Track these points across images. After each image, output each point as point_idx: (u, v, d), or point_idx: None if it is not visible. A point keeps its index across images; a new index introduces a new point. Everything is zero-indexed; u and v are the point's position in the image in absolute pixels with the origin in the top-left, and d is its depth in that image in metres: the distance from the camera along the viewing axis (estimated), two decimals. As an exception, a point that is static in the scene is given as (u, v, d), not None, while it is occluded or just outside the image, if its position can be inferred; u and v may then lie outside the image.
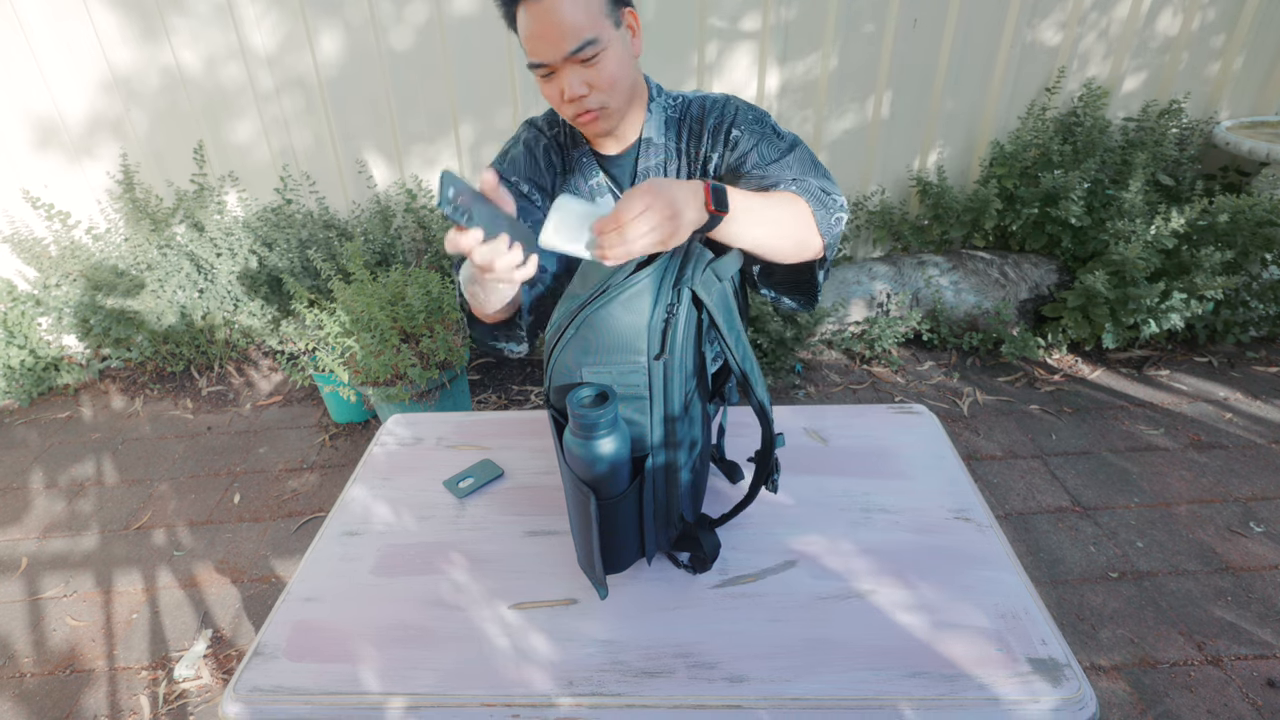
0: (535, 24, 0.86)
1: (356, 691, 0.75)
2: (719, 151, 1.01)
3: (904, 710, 0.70)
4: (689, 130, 1.03)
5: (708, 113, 1.02)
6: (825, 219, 0.92)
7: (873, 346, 2.70)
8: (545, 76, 0.91)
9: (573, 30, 0.85)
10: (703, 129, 1.02)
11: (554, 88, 0.91)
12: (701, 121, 1.02)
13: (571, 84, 0.89)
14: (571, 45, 0.86)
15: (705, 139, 1.02)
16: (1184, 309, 2.36)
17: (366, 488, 1.06)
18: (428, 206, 2.77)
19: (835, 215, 0.94)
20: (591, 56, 0.88)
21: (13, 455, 2.49)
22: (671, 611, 0.82)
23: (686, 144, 1.03)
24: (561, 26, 0.85)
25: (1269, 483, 2.02)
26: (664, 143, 1.03)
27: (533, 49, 0.88)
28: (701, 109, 1.03)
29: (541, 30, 0.86)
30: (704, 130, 1.02)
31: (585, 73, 0.89)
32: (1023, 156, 2.65)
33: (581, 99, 0.91)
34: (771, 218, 0.86)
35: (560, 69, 0.89)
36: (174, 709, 1.60)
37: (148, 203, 2.72)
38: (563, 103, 0.92)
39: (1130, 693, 1.50)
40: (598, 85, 0.90)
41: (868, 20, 2.54)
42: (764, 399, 0.78)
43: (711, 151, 1.02)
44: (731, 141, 1.00)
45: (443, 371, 2.21)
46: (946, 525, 0.92)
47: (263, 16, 2.45)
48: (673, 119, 1.04)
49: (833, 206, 0.94)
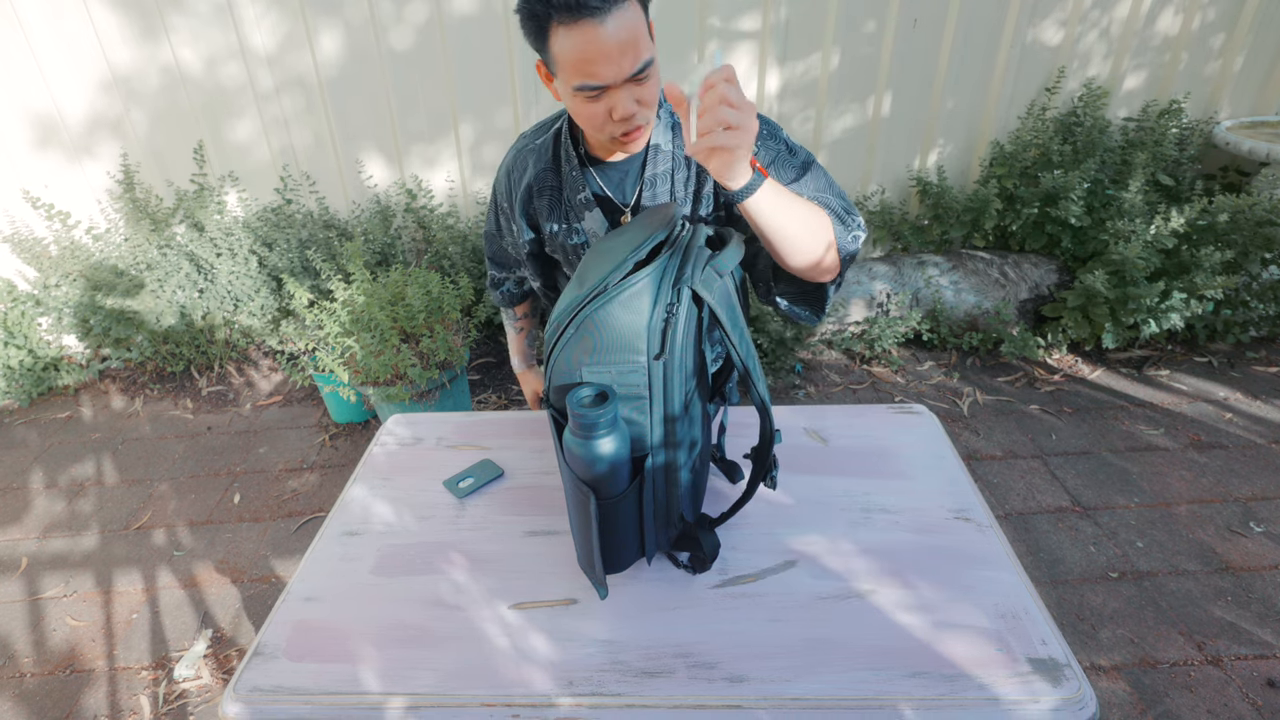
0: (595, 46, 0.82)
1: (356, 691, 0.75)
2: None
3: (904, 710, 0.70)
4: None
5: None
6: (844, 235, 0.94)
7: (873, 346, 2.70)
8: (593, 97, 0.88)
9: (635, 51, 0.84)
10: None
11: (600, 107, 0.89)
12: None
13: (625, 104, 0.87)
14: (634, 67, 0.84)
15: None
16: (1184, 309, 2.36)
17: (366, 488, 1.05)
18: (428, 206, 2.77)
19: (853, 233, 0.96)
20: (646, 76, 0.87)
21: (13, 455, 2.49)
22: (671, 611, 0.82)
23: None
24: (624, 48, 0.82)
25: (1269, 483, 2.02)
26: (671, 149, 1.03)
27: (590, 71, 0.84)
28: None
29: (604, 52, 0.82)
30: None
31: (638, 91, 0.88)
32: (1023, 156, 2.65)
33: (632, 117, 0.89)
34: (800, 215, 0.86)
35: (615, 89, 0.87)
36: (174, 709, 1.60)
37: (148, 203, 2.72)
38: (609, 121, 0.90)
39: (1130, 693, 1.50)
40: (645, 102, 0.89)
41: (868, 20, 2.54)
42: (765, 395, 0.78)
43: None
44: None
45: (443, 371, 2.21)
46: (946, 525, 0.92)
47: (263, 16, 2.45)
48: (678, 125, 1.03)
49: (852, 225, 0.95)
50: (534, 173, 1.09)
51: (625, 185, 1.06)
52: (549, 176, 1.08)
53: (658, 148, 1.02)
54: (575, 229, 1.09)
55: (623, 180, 1.06)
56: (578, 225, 1.09)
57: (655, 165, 1.03)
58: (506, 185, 1.14)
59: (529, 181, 1.09)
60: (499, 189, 1.18)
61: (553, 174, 1.08)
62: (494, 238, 1.28)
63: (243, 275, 2.67)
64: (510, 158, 1.13)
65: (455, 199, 2.84)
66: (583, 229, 1.09)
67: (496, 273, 1.34)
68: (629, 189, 1.06)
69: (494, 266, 1.34)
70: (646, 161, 1.03)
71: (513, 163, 1.13)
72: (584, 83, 0.85)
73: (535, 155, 1.09)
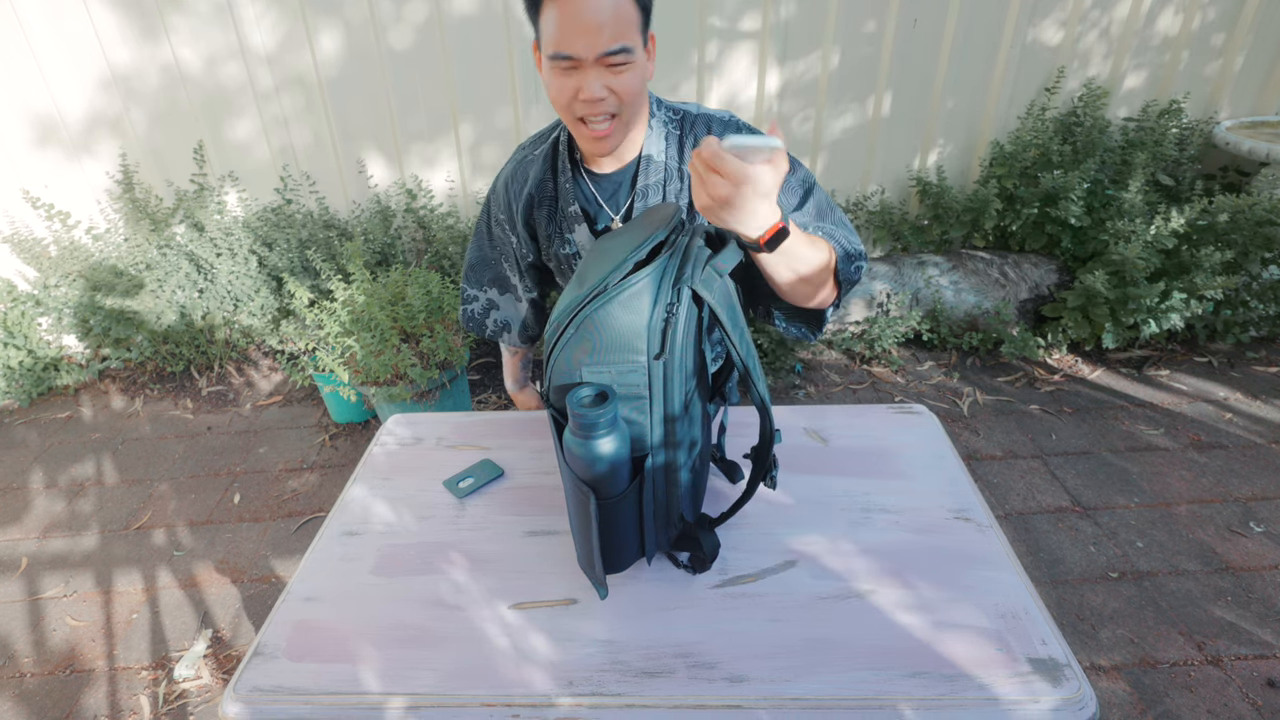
0: (575, 16, 0.84)
1: (356, 691, 0.75)
2: None
3: (904, 710, 0.70)
4: (691, 149, 1.02)
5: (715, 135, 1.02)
6: (846, 268, 0.94)
7: (873, 346, 2.70)
8: (566, 70, 0.89)
9: (613, 32, 0.85)
10: None
11: (571, 83, 0.90)
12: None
13: (593, 85, 0.89)
14: (607, 46, 0.85)
15: None
16: (1184, 309, 2.36)
17: (366, 488, 1.05)
18: (427, 206, 2.77)
19: (855, 265, 0.96)
20: (621, 64, 0.88)
21: (13, 455, 2.48)
22: (671, 611, 0.82)
23: (687, 163, 1.02)
24: (602, 25, 0.84)
25: (1269, 483, 2.02)
26: (664, 160, 1.02)
27: (565, 40, 0.86)
28: (708, 130, 1.01)
29: (582, 24, 0.84)
30: None
31: (609, 77, 0.89)
32: (1023, 156, 2.65)
33: (599, 101, 0.90)
34: (807, 259, 0.85)
35: (586, 67, 0.88)
36: (174, 709, 1.60)
37: (147, 202, 2.72)
38: (575, 100, 0.91)
39: (1130, 693, 1.50)
40: (617, 92, 0.90)
41: (868, 20, 2.54)
42: (764, 394, 0.78)
43: None
44: None
45: (443, 371, 2.21)
46: (946, 525, 0.92)
47: (262, 15, 2.45)
48: (673, 134, 1.03)
49: (855, 257, 0.96)
50: (534, 183, 1.09)
51: (618, 196, 1.06)
52: (548, 186, 1.08)
53: (650, 158, 1.02)
54: (567, 239, 1.10)
55: (615, 191, 1.06)
56: (569, 236, 1.09)
57: (647, 176, 1.03)
58: (505, 197, 1.14)
59: (530, 191, 1.09)
60: (495, 202, 1.17)
61: (551, 183, 1.08)
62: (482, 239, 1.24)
63: (243, 275, 2.67)
64: (510, 169, 1.13)
65: (455, 199, 2.84)
66: (574, 240, 1.09)
67: (469, 288, 1.30)
68: (621, 199, 1.06)
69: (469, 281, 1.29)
70: (639, 172, 1.03)
71: (512, 174, 1.12)
72: (557, 51, 0.87)
73: (535, 166, 1.09)
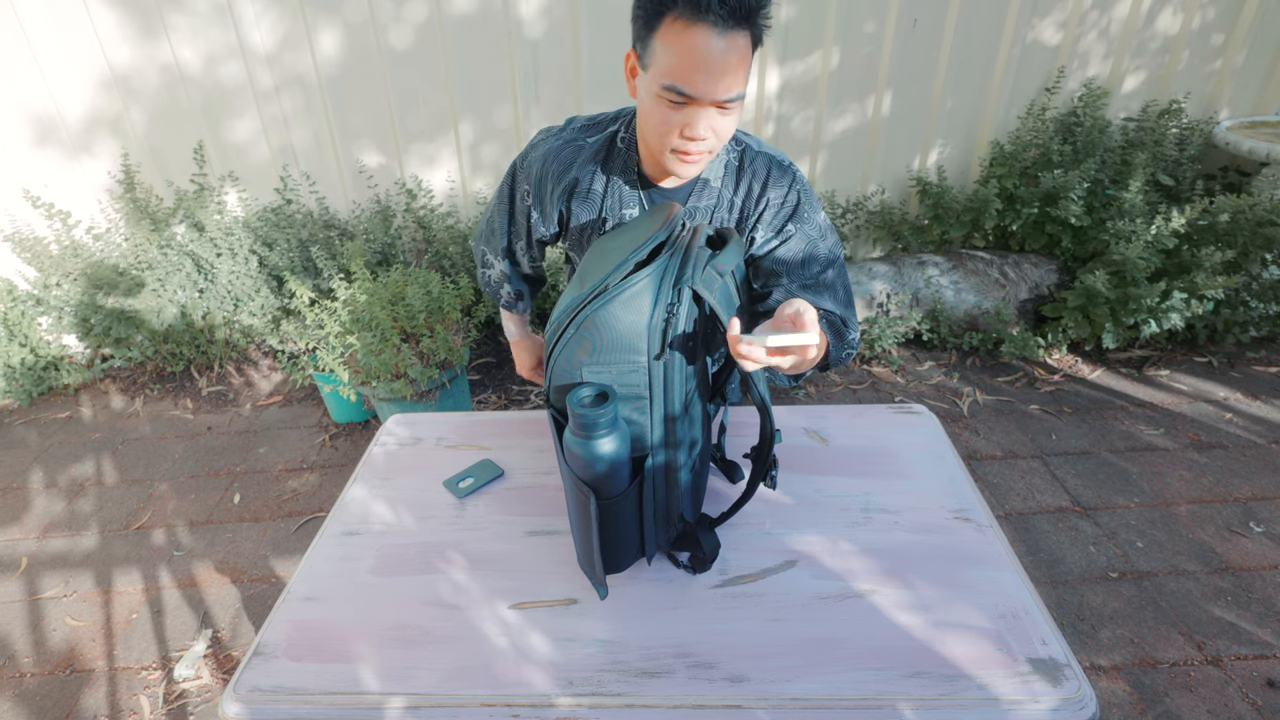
0: (702, 54, 0.80)
1: (356, 691, 0.75)
2: (763, 233, 1.02)
3: (904, 710, 0.70)
4: (746, 187, 1.02)
5: (772, 181, 1.01)
6: (837, 352, 0.96)
7: (873, 346, 2.70)
8: (676, 104, 0.85)
9: (734, 79, 0.83)
10: (763, 195, 1.01)
11: (678, 118, 0.86)
12: (764, 186, 1.01)
13: (699, 125, 0.86)
14: (728, 93, 0.83)
15: (758, 205, 1.02)
16: (1184, 309, 2.36)
17: (366, 488, 1.05)
18: (427, 206, 2.77)
19: (846, 350, 0.98)
20: (732, 109, 0.87)
21: (13, 455, 2.48)
22: (671, 611, 0.82)
23: (742, 199, 1.03)
24: (727, 70, 0.81)
25: (1269, 483, 2.02)
26: (719, 188, 1.02)
27: (686, 78, 0.82)
28: (767, 172, 1.01)
29: (708, 64, 0.81)
30: (763, 197, 1.01)
31: (716, 119, 0.87)
32: (1023, 156, 2.65)
33: (700, 142, 0.88)
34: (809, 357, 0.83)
35: (698, 105, 0.85)
36: (174, 709, 1.60)
37: (148, 202, 2.72)
38: (677, 135, 0.89)
39: (1130, 693, 1.50)
40: (719, 133, 0.89)
41: (868, 20, 2.54)
42: (765, 394, 0.78)
43: (757, 222, 1.02)
44: (783, 234, 1.02)
45: (443, 371, 2.21)
46: (946, 525, 0.92)
47: (262, 15, 2.45)
48: (732, 164, 1.02)
49: (849, 343, 0.98)
50: (582, 174, 1.05)
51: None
52: (596, 182, 1.05)
53: (707, 182, 1.02)
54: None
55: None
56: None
57: (700, 198, 1.03)
58: (540, 171, 1.08)
59: (575, 176, 1.05)
60: (527, 171, 1.10)
61: (599, 180, 1.05)
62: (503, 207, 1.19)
63: (243, 275, 2.67)
64: (554, 145, 1.06)
65: (455, 199, 2.84)
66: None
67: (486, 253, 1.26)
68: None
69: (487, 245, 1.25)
70: (693, 193, 1.02)
71: (556, 153, 1.06)
72: (675, 84, 0.83)
73: (584, 155, 1.05)
